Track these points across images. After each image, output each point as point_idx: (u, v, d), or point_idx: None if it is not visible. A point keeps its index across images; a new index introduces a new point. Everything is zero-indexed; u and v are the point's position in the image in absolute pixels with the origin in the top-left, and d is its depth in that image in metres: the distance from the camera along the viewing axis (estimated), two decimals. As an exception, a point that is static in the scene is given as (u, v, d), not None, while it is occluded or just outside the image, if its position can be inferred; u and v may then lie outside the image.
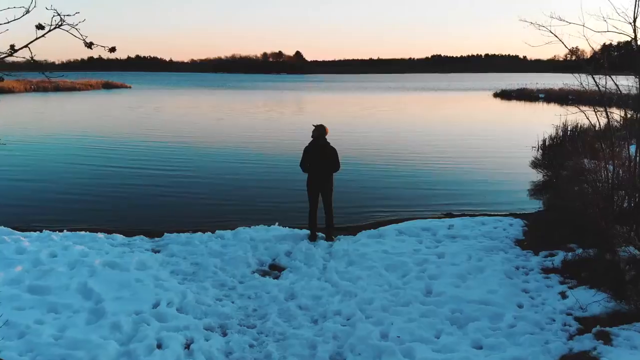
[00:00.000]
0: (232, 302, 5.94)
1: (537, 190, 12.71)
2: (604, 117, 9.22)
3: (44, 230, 8.58)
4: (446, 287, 6.15)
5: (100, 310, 5.57)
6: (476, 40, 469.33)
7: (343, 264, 7.01)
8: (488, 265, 6.91)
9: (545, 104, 46.43)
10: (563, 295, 5.97)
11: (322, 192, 8.32)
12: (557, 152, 14.26)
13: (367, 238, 8.25)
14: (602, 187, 8.56)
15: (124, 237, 8.52)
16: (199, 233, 8.58)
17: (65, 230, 8.64)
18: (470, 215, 9.86)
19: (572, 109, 9.21)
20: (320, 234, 8.45)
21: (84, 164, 15.48)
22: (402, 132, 24.17)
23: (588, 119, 9.30)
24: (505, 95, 57.22)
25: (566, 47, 9.26)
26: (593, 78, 8.47)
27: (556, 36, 9.33)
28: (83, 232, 8.60)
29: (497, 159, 17.11)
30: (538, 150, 18.54)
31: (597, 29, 8.69)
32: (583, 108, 9.76)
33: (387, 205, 10.92)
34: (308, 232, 8.45)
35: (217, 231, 8.63)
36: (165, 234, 8.59)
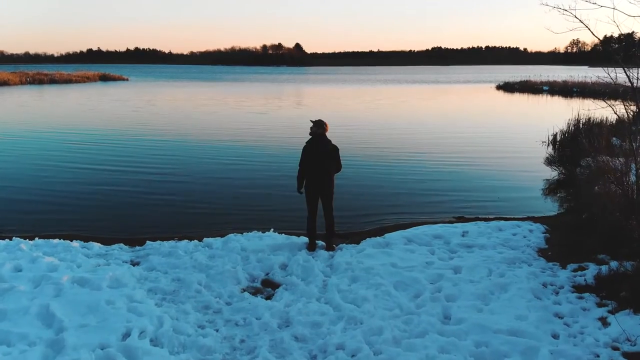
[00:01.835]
0: (216, 331, 5.06)
1: (553, 190, 11.82)
2: (631, 110, 8.40)
3: (13, 238, 7.74)
4: (467, 311, 5.27)
5: (60, 342, 4.70)
6: (476, 32, 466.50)
7: (346, 281, 6.13)
8: (512, 282, 6.04)
9: (549, 97, 45.48)
10: (604, 322, 5.10)
11: (322, 196, 7.44)
12: (573, 148, 13.34)
13: (372, 247, 7.37)
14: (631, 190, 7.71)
15: (101, 245, 7.67)
16: (185, 241, 7.72)
17: (37, 238, 7.79)
18: (485, 220, 8.98)
19: (600, 103, 8.37)
20: (319, 242, 7.58)
21: (63, 162, 14.34)
22: (405, 127, 23.08)
23: (616, 113, 8.44)
24: (508, 87, 56.27)
25: (593, 33, 8.42)
26: (625, 70, 7.62)
27: (582, 22, 8.48)
28: (56, 240, 7.76)
29: (507, 155, 16.12)
30: (548, 145, 17.66)
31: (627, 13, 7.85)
32: (600, 102, 9.00)
33: (392, 209, 9.96)
34: (306, 240, 7.59)
35: (204, 239, 7.76)
36: (147, 242, 7.73)
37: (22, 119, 24.76)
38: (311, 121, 7.48)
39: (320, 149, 7.30)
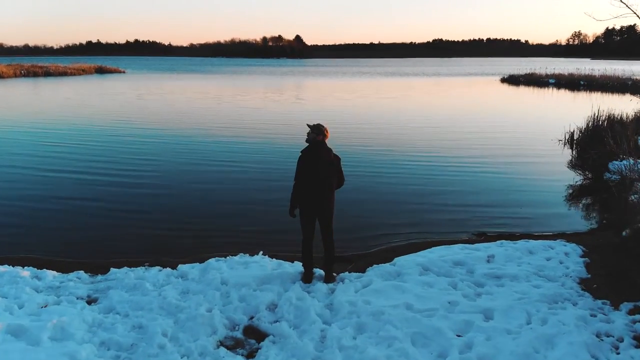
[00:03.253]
0: (178, 414, 3.81)
1: (581, 198, 10.54)
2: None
3: (-48, 264, 6.49)
4: (509, 383, 4.02)
5: None
6: (478, 24, 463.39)
7: (350, 331, 4.86)
8: (558, 332, 4.78)
9: (556, 90, 44.11)
10: (691, 399, 3.86)
11: (320, 216, 6.16)
12: (597, 149, 12.03)
13: (380, 279, 6.11)
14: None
15: (57, 274, 6.44)
16: (156, 269, 6.48)
17: (-19, 265, 6.55)
18: (510, 239, 7.70)
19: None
20: (317, 271, 6.32)
21: (22, 169, 12.50)
22: (411, 126, 21.34)
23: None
24: (513, 80, 54.97)
25: (640, 19, 7.20)
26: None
27: (629, 7, 7.32)
28: (4, 268, 6.54)
29: (524, 158, 14.56)
30: (565, 144, 16.40)
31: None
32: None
33: (401, 228, 8.50)
34: (301, 268, 6.33)
35: (179, 266, 6.52)
36: (112, 269, 6.49)
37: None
38: (308, 125, 6.19)
39: (319, 159, 6.03)
